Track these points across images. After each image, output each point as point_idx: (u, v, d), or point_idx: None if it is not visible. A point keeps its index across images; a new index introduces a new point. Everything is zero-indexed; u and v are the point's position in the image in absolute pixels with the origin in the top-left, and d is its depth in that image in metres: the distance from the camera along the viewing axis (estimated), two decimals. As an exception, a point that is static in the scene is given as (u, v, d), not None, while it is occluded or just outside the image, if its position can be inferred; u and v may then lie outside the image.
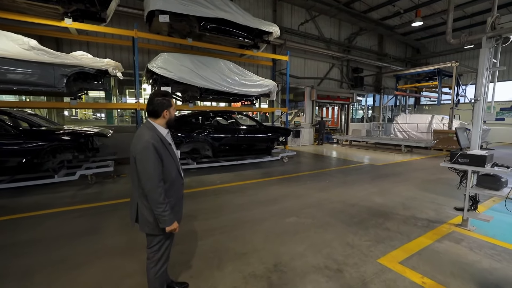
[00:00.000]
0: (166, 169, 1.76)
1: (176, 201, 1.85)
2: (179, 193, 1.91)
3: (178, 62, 7.42)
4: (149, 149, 1.66)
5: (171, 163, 1.80)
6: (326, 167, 7.54)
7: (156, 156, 1.68)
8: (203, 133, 6.51)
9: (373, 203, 4.34)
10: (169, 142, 1.84)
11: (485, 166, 2.83)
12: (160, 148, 1.71)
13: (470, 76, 16.05)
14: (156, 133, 1.75)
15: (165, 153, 1.75)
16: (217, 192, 4.99)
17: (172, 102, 1.84)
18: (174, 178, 1.83)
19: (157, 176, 1.68)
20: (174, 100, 9.26)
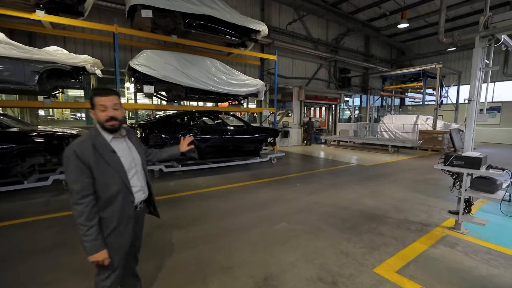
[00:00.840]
0: (99, 183, 1.43)
1: (117, 223, 1.50)
2: (124, 214, 1.53)
3: (162, 59, 7.09)
4: (69, 158, 1.38)
5: (110, 176, 1.46)
6: (315, 168, 7.42)
7: (78, 166, 1.38)
8: (188, 134, 6.21)
9: (365, 206, 4.22)
10: (112, 149, 1.49)
11: (480, 169, 2.75)
12: (88, 157, 1.39)
13: (453, 77, 16.51)
14: (93, 138, 1.45)
15: (99, 162, 1.42)
16: (202, 197, 4.72)
17: (96, 101, 1.45)
18: (115, 194, 1.48)
19: (77, 190, 1.37)
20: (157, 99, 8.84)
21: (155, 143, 5.85)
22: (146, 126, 5.83)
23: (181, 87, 7.40)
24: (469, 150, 3.10)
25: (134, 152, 1.64)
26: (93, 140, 1.45)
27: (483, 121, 3.11)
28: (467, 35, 3.14)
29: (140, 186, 1.63)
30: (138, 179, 1.62)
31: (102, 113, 1.46)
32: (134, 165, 1.60)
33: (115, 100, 1.49)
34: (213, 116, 7.24)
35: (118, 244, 1.54)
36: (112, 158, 1.48)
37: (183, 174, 6.50)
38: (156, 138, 5.82)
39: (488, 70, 3.06)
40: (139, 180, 1.63)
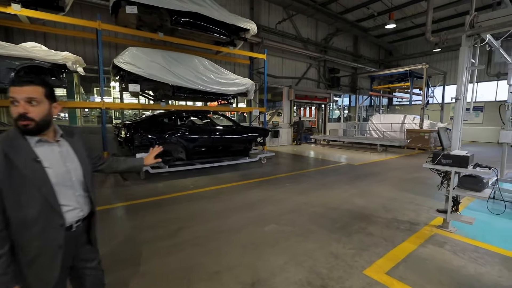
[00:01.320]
0: (10, 200, 1.10)
1: (37, 253, 1.16)
2: (48, 241, 1.18)
3: (148, 57, 6.89)
4: None
5: (26, 192, 1.12)
6: (305, 168, 7.39)
7: None
8: (175, 134, 6.05)
9: (355, 206, 4.19)
10: (35, 157, 1.15)
11: (467, 167, 2.75)
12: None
13: (438, 78, 16.90)
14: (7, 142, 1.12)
15: (11, 174, 1.09)
16: (190, 198, 4.59)
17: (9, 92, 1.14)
18: (34, 216, 1.14)
19: None
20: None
21: (140, 144, 5.66)
22: (131, 126, 5.64)
23: (168, 86, 7.22)
24: (457, 149, 3.11)
25: (72, 161, 1.29)
26: (4, 145, 1.11)
27: (470, 119, 3.13)
28: (453, 34, 3.15)
29: (75, 205, 1.28)
30: (73, 195, 1.27)
31: (13, 108, 1.13)
32: (69, 178, 1.26)
33: (32, 92, 1.13)
34: (201, 115, 7.08)
35: (43, 280, 1.20)
36: (31, 169, 1.13)
37: (170, 175, 6.33)
38: (142, 139, 5.63)
39: (474, 69, 3.08)
40: (75, 197, 1.29)
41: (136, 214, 3.85)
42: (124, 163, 1.68)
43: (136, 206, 4.21)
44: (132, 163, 1.72)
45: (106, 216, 3.77)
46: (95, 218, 1.45)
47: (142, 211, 3.97)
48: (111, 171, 1.64)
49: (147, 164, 1.78)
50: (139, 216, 3.78)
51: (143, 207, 4.17)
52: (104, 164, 1.59)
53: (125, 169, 1.68)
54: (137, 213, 3.89)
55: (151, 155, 1.80)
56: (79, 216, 1.32)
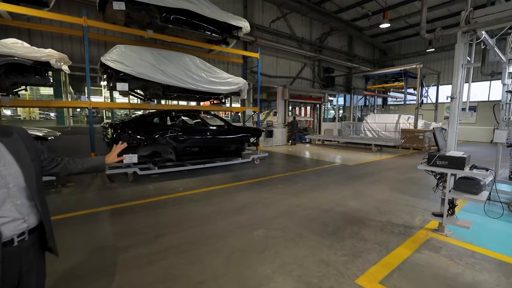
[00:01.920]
0: None
1: None
2: None
3: (137, 55, 6.68)
4: None
5: None
6: (299, 168, 7.26)
7: None
8: (164, 134, 5.86)
9: (348, 208, 4.07)
10: None
11: (464, 169, 2.63)
12: None
13: (432, 78, 16.95)
14: None
15: None
16: (178, 201, 4.41)
17: None
18: None
19: None
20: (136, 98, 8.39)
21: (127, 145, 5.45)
22: (117, 126, 5.43)
23: (158, 85, 7.02)
24: (453, 149, 3.00)
25: (8, 164, 1.11)
26: None
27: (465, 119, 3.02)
28: (448, 30, 3.03)
29: (15, 215, 1.12)
30: (12, 205, 1.11)
31: None
32: (4, 185, 1.09)
33: None
34: (192, 115, 6.89)
35: None
36: None
37: (160, 176, 6.14)
38: (129, 139, 5.42)
39: (470, 66, 2.97)
40: (15, 207, 1.12)
41: (120, 219, 3.66)
42: (82, 164, 1.51)
43: (121, 210, 4.02)
44: (92, 163, 1.56)
45: (87, 221, 3.58)
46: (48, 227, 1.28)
47: (127, 215, 3.78)
48: (67, 173, 1.47)
49: (109, 163, 1.63)
50: (123, 221, 3.60)
51: (129, 211, 3.98)
52: (58, 167, 1.42)
53: (83, 170, 1.52)
54: (121, 218, 3.70)
55: (114, 153, 1.66)
56: (22, 229, 1.15)
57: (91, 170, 1.56)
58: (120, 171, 5.73)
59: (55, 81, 8.52)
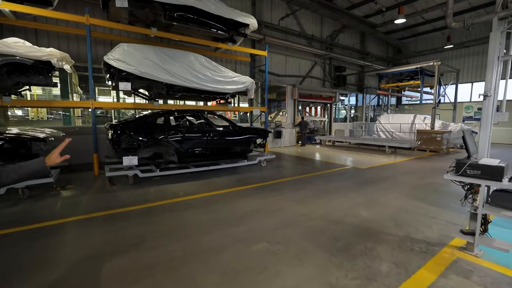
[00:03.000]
0: None
1: None
2: None
3: (140, 54, 6.50)
4: None
5: None
6: (307, 172, 6.87)
7: None
8: (166, 135, 5.62)
9: (360, 219, 3.67)
10: None
11: (502, 180, 2.22)
12: None
13: (450, 76, 16.10)
14: None
15: None
16: (176, 208, 4.14)
17: None
18: None
19: None
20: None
21: (128, 146, 5.25)
22: (117, 126, 5.23)
23: (161, 84, 6.82)
24: (485, 156, 2.57)
25: None
26: None
27: (503, 120, 2.59)
28: (481, 18, 2.60)
29: None
30: None
31: None
32: None
33: None
34: (196, 115, 6.63)
35: None
36: None
37: (162, 179, 5.91)
38: (129, 140, 5.22)
39: (508, 59, 2.53)
40: None
41: (112, 226, 3.42)
42: (17, 172, 1.27)
43: (115, 216, 3.79)
44: (30, 168, 1.32)
45: (77, 228, 3.36)
46: None
47: (120, 223, 3.54)
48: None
49: (51, 165, 1.38)
50: (115, 229, 3.35)
51: (123, 217, 3.74)
52: None
53: (21, 178, 1.28)
54: (114, 225, 3.46)
55: (55, 153, 1.42)
56: None
57: (31, 176, 1.32)
58: (121, 173, 5.53)
59: (62, 81, 8.54)
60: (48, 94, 12.93)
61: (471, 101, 17.00)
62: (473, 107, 16.77)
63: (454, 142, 11.78)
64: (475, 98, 16.91)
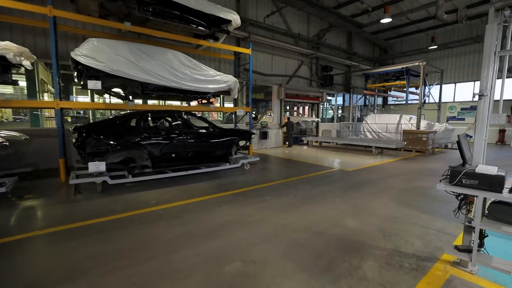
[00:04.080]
0: None
1: None
2: None
3: (112, 50, 5.99)
4: None
5: None
6: (292, 175, 6.56)
7: None
8: (138, 138, 5.17)
9: (345, 230, 3.38)
10: None
11: (502, 192, 1.96)
12: None
13: (435, 76, 16.29)
14: None
15: None
16: (146, 219, 3.72)
17: None
18: None
19: None
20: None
21: (94, 151, 4.76)
22: (82, 129, 4.73)
23: (136, 83, 6.33)
24: (481, 163, 2.32)
25: None
26: None
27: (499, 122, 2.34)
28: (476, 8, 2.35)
29: None
30: None
31: None
32: None
33: None
34: (172, 116, 6.18)
35: None
36: None
37: (136, 186, 5.45)
38: (95, 144, 4.73)
39: (506, 54, 2.29)
40: None
41: (65, 245, 2.97)
42: None
43: (72, 232, 3.33)
44: None
45: (20, 251, 2.88)
46: None
47: (75, 240, 3.09)
48: None
49: None
50: (67, 249, 2.91)
51: (81, 233, 3.29)
52: None
53: None
54: (67, 244, 3.01)
55: None
56: None
57: None
58: (87, 180, 5.03)
59: (29, 79, 7.87)
60: (21, 93, 12.06)
61: (454, 101, 17.29)
62: (457, 107, 17.06)
63: (439, 142, 11.83)
64: (458, 98, 17.21)
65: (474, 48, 16.04)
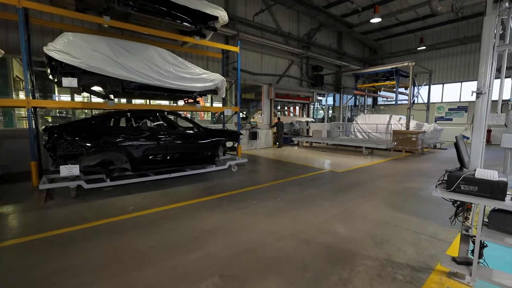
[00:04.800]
0: None
1: None
2: None
3: (89, 46, 5.62)
4: None
5: None
6: (281, 177, 6.34)
7: None
8: (116, 139, 4.83)
9: (335, 237, 3.17)
10: None
11: (505, 199, 1.78)
12: None
13: (423, 77, 16.43)
14: None
15: None
16: (119, 228, 3.41)
17: None
18: None
19: None
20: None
21: (66, 154, 4.40)
22: (53, 130, 4.37)
23: (116, 80, 5.98)
24: (479, 166, 2.14)
25: None
26: None
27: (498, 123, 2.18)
28: None
29: None
30: None
31: None
32: None
33: None
34: (153, 116, 5.85)
35: None
36: None
37: (114, 190, 5.11)
38: (68, 146, 4.37)
39: (505, 48, 2.12)
40: None
41: (23, 260, 2.64)
42: None
43: (34, 244, 3.00)
44: None
45: (-30, 268, 2.54)
46: None
47: (37, 254, 2.76)
48: None
49: None
50: (26, 263, 2.58)
51: (43, 244, 2.96)
52: None
53: None
54: (26, 258, 2.68)
55: None
56: None
57: None
58: (59, 185, 4.66)
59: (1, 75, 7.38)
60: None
61: (442, 102, 17.51)
62: (444, 108, 17.28)
63: (428, 142, 11.88)
64: (446, 99, 17.44)
65: (461, 49, 16.27)
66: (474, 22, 15.42)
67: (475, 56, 15.83)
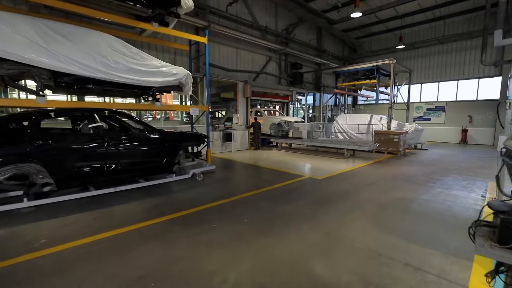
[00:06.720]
0: None
1: None
2: None
3: (7, 27, 4.40)
4: None
5: None
6: (253, 187, 5.43)
7: None
8: (32, 146, 3.69)
9: (314, 281, 2.30)
10: None
11: None
12: None
13: (403, 76, 16.26)
14: None
15: None
16: (8, 279, 2.33)
17: None
18: None
19: None
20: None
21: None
22: None
23: (44, 71, 4.77)
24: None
25: None
26: None
27: None
28: None
29: None
30: None
31: None
32: None
33: None
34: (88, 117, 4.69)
35: None
36: None
37: (37, 211, 3.96)
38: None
39: None
40: None
41: None
42: None
43: None
44: None
45: None
46: None
47: None
48: None
49: None
50: None
51: None
52: None
53: None
54: None
55: None
56: None
57: None
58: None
59: None
60: None
61: (420, 102, 17.48)
62: (423, 107, 17.25)
63: (409, 143, 11.51)
64: (424, 99, 17.44)
65: (439, 49, 16.26)
66: (450, 23, 15.44)
67: (451, 56, 15.88)
